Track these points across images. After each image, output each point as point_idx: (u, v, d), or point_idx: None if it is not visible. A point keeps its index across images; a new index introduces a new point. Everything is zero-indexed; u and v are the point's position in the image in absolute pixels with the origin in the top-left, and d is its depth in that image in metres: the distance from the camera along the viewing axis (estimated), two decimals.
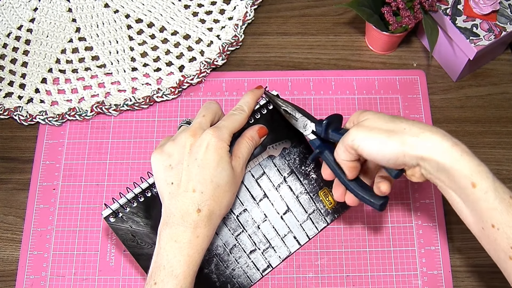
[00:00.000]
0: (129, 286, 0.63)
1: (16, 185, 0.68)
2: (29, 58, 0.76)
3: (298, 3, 0.79)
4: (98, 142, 0.70)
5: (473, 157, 0.44)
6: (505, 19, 0.66)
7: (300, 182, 0.63)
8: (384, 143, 0.46)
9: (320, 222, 0.64)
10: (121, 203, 0.57)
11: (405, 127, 0.46)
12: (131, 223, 0.58)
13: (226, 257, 0.62)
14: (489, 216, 0.43)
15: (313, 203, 0.64)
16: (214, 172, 0.51)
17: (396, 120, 0.47)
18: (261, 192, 0.62)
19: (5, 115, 0.72)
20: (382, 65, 0.74)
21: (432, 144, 0.44)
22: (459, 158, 0.44)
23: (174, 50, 0.75)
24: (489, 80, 0.73)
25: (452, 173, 0.44)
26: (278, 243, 0.63)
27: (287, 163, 0.63)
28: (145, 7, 0.78)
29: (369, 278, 0.63)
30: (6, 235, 0.66)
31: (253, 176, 0.62)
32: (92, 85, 0.73)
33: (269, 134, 0.60)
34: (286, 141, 0.62)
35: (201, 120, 0.53)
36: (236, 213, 0.62)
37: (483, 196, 0.43)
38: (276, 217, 0.63)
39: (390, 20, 0.66)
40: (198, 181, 0.50)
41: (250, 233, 0.62)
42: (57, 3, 0.79)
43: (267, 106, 0.60)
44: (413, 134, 0.45)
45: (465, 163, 0.44)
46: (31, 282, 0.63)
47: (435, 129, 0.45)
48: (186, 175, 0.50)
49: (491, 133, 0.70)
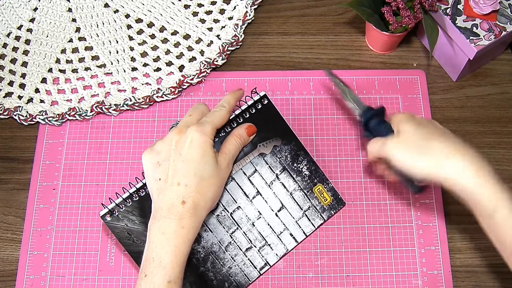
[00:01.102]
0: (129, 286, 0.63)
1: (16, 185, 0.68)
2: (29, 58, 0.76)
3: (298, 3, 0.79)
4: (98, 142, 0.70)
5: (496, 184, 0.46)
6: (505, 19, 0.66)
7: (293, 179, 0.64)
8: (415, 161, 0.51)
9: (316, 219, 0.64)
10: (116, 202, 0.59)
11: (438, 147, 0.50)
12: (126, 221, 0.59)
13: (222, 255, 0.62)
14: (510, 242, 0.45)
15: (308, 200, 0.64)
16: (198, 165, 0.53)
17: (431, 138, 0.51)
18: (254, 190, 0.63)
19: (5, 115, 0.72)
20: (382, 65, 0.74)
21: (457, 168, 0.48)
22: (482, 185, 0.46)
23: (174, 50, 0.75)
24: (489, 80, 0.73)
25: (474, 198, 0.47)
26: (274, 241, 0.63)
27: (278, 161, 0.63)
28: (145, 7, 0.78)
29: (369, 278, 0.63)
30: (6, 235, 0.66)
31: (245, 173, 0.63)
32: (92, 85, 0.73)
33: (259, 133, 0.61)
34: (276, 139, 0.63)
35: (187, 119, 0.56)
36: (230, 210, 0.62)
37: (501, 223, 0.45)
38: (270, 214, 0.63)
39: (390, 20, 0.66)
40: (182, 175, 0.52)
41: (245, 231, 0.63)
42: (57, 3, 0.79)
43: (255, 105, 0.61)
44: (442, 156, 0.49)
45: (486, 190, 0.46)
46: (31, 282, 0.63)
47: (465, 150, 0.48)
48: (172, 170, 0.53)
49: (491, 133, 0.70)
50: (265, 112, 0.62)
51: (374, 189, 0.67)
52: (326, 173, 0.65)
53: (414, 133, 0.52)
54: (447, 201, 0.66)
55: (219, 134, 0.60)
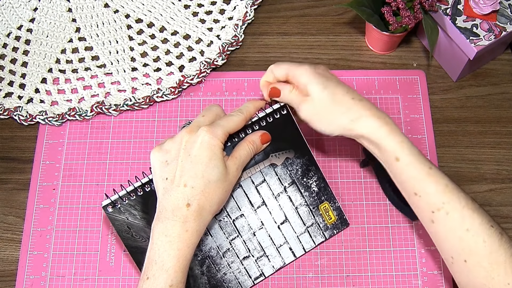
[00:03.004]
0: (129, 286, 0.63)
1: (16, 185, 0.68)
2: (29, 58, 0.76)
3: (298, 3, 0.79)
4: (98, 142, 0.70)
5: (398, 135, 0.53)
6: (505, 19, 0.66)
7: (301, 193, 0.63)
8: (329, 124, 0.55)
9: (318, 236, 0.63)
10: (120, 195, 0.58)
11: (348, 108, 0.54)
12: (128, 215, 0.59)
13: (218, 260, 0.61)
14: (411, 185, 0.52)
15: (312, 216, 0.63)
16: (206, 168, 0.52)
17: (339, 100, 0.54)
18: (260, 199, 0.62)
19: (5, 115, 0.72)
20: (382, 65, 0.74)
21: (366, 124, 0.53)
22: (386, 136, 0.52)
23: (174, 50, 0.75)
24: (489, 80, 0.73)
25: (380, 148, 0.53)
26: (273, 253, 0.62)
27: (288, 173, 0.62)
28: (145, 7, 0.78)
29: (369, 278, 0.63)
30: (6, 235, 0.66)
31: (253, 182, 0.62)
32: (92, 85, 0.73)
33: (273, 143, 0.60)
34: (290, 151, 0.62)
35: (200, 120, 0.55)
36: (233, 217, 0.62)
37: (405, 167, 0.52)
38: (273, 226, 0.62)
39: (390, 20, 0.66)
40: (190, 176, 0.51)
41: (245, 239, 0.62)
42: (57, 3, 0.79)
43: (273, 114, 0.59)
44: (353, 117, 0.54)
45: (389, 140, 0.52)
46: (31, 282, 0.63)
47: (371, 112, 0.53)
48: (180, 171, 0.52)
49: (491, 133, 0.70)
50: (282, 123, 0.60)
51: (374, 189, 0.67)
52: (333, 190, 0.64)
53: (321, 97, 0.54)
54: None
55: (232, 139, 0.58)
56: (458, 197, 0.50)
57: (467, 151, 0.69)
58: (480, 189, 0.67)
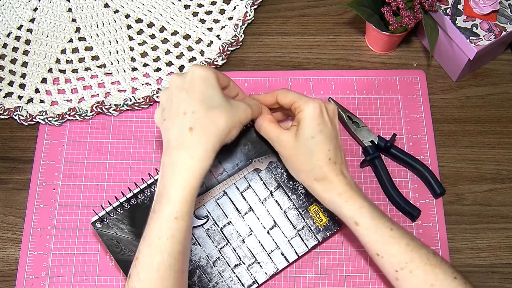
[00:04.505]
0: None
1: (16, 185, 0.68)
2: (29, 58, 0.76)
3: (298, 3, 0.79)
4: (98, 142, 0.70)
5: (358, 200, 0.52)
6: (505, 19, 0.66)
7: (288, 197, 0.62)
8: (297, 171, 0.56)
9: (310, 240, 0.62)
10: (107, 210, 0.59)
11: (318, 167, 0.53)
12: (116, 229, 0.59)
13: (209, 270, 0.60)
14: (373, 247, 0.53)
15: (302, 219, 0.62)
16: (203, 94, 0.50)
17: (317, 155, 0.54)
18: (246, 206, 0.62)
19: (5, 115, 0.72)
20: (382, 65, 0.74)
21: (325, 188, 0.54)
22: (344, 204, 0.53)
23: (174, 50, 0.75)
24: (489, 80, 0.73)
25: (340, 214, 0.54)
26: (265, 259, 0.61)
27: (273, 177, 0.62)
28: (145, 7, 0.78)
29: (369, 278, 0.63)
30: (6, 235, 0.66)
31: (238, 188, 0.61)
32: (92, 85, 0.73)
33: (255, 147, 0.60)
34: (272, 155, 0.62)
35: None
36: (220, 225, 0.61)
37: (365, 232, 0.52)
38: (262, 231, 0.62)
39: (390, 20, 0.66)
40: (187, 103, 0.50)
41: (235, 247, 0.61)
42: (57, 3, 0.79)
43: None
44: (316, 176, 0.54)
45: (348, 207, 0.52)
46: (31, 282, 0.63)
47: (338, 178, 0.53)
48: (176, 103, 0.50)
49: (491, 133, 0.70)
50: None
51: (374, 189, 0.67)
52: None
53: (304, 143, 0.53)
54: (447, 201, 0.66)
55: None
56: (420, 254, 0.51)
57: (467, 151, 0.69)
58: (480, 189, 0.67)
